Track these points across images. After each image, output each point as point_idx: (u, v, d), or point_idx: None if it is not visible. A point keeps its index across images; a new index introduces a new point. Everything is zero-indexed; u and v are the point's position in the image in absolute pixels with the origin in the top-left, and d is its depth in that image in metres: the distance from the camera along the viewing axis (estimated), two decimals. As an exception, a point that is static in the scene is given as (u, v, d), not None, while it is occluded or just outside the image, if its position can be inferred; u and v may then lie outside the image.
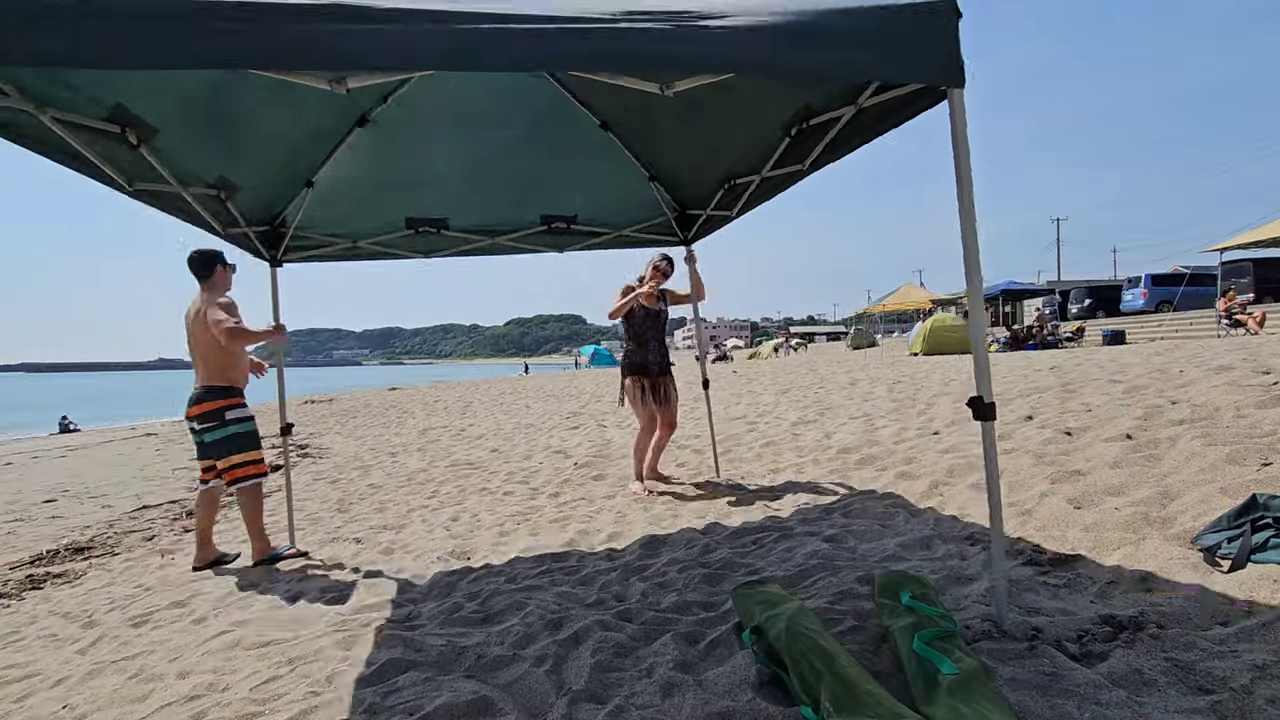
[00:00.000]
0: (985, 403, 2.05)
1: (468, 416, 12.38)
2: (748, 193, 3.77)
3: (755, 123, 3.20)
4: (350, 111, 3.53)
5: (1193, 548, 2.39)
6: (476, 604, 2.83)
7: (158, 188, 3.02)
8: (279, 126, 3.33)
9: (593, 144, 4.03)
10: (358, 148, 3.73)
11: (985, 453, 2.07)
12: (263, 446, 3.95)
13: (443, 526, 4.39)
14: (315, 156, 3.73)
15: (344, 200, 4.07)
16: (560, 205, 4.50)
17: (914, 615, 2.01)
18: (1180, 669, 1.69)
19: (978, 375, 2.09)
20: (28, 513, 6.39)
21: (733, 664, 1.96)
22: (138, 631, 3.02)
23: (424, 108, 3.61)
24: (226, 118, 3.05)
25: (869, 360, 16.33)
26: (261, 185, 3.67)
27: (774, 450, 5.51)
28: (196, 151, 3.11)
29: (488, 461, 6.93)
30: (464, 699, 1.93)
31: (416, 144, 3.86)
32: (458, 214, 4.41)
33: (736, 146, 3.49)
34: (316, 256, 4.43)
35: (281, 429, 4.13)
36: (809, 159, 3.01)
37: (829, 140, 2.83)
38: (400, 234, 4.41)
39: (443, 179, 4.15)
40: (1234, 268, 18.33)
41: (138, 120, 2.64)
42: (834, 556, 2.88)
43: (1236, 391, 4.28)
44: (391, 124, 3.65)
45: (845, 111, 2.64)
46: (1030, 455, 3.89)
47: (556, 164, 4.21)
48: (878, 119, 2.52)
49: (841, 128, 2.74)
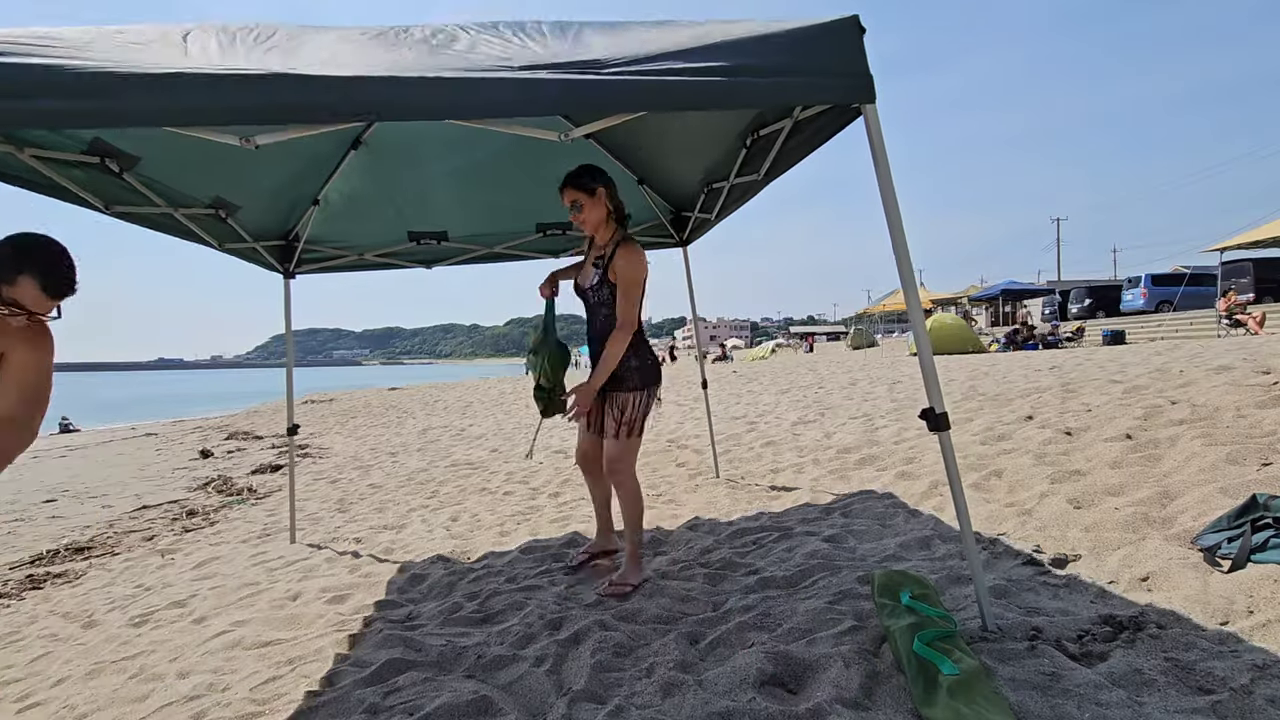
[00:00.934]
0: (937, 413, 2.01)
1: (468, 416, 12.38)
2: (721, 198, 3.81)
3: (717, 131, 3.23)
4: (344, 135, 3.66)
5: (1193, 548, 2.39)
6: (476, 604, 2.83)
7: (140, 210, 3.05)
8: (271, 153, 3.39)
9: (578, 152, 4.04)
10: (357, 168, 3.90)
11: (947, 466, 2.04)
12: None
13: (443, 526, 4.39)
14: (316, 178, 3.89)
15: (349, 216, 4.28)
16: (555, 213, 4.53)
17: (914, 615, 2.01)
18: (1180, 669, 1.69)
19: (927, 384, 2.04)
20: (28, 513, 6.39)
21: (733, 664, 1.96)
22: (138, 631, 3.02)
23: (411, 129, 3.73)
24: (212, 147, 3.09)
25: (869, 360, 16.33)
26: (262, 205, 3.80)
27: (774, 450, 5.51)
28: (186, 177, 3.17)
29: (488, 461, 6.94)
30: (464, 699, 1.93)
31: (409, 163, 3.98)
32: (456, 225, 4.54)
33: (707, 152, 3.52)
34: (327, 268, 4.65)
35: (288, 429, 4.32)
36: (763, 169, 3.05)
37: (776, 151, 2.86)
38: (403, 246, 4.58)
39: (438, 194, 4.27)
40: (1234, 268, 18.32)
41: (116, 151, 2.67)
42: (834, 556, 2.88)
43: (1236, 391, 4.28)
44: (383, 146, 3.81)
45: (785, 124, 2.66)
46: (1030, 455, 3.89)
47: (545, 173, 4.24)
48: (813, 133, 2.53)
49: (784, 140, 2.76)
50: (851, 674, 1.81)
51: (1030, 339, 16.77)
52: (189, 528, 5.26)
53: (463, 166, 4.03)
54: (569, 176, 2.79)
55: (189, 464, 9.32)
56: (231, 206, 3.55)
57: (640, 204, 4.56)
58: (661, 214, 4.63)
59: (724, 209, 3.89)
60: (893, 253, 2.01)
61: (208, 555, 4.30)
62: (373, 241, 4.57)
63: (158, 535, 5.09)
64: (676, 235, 4.75)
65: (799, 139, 2.67)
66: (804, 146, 2.65)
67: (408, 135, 3.77)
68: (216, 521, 5.43)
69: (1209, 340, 10.95)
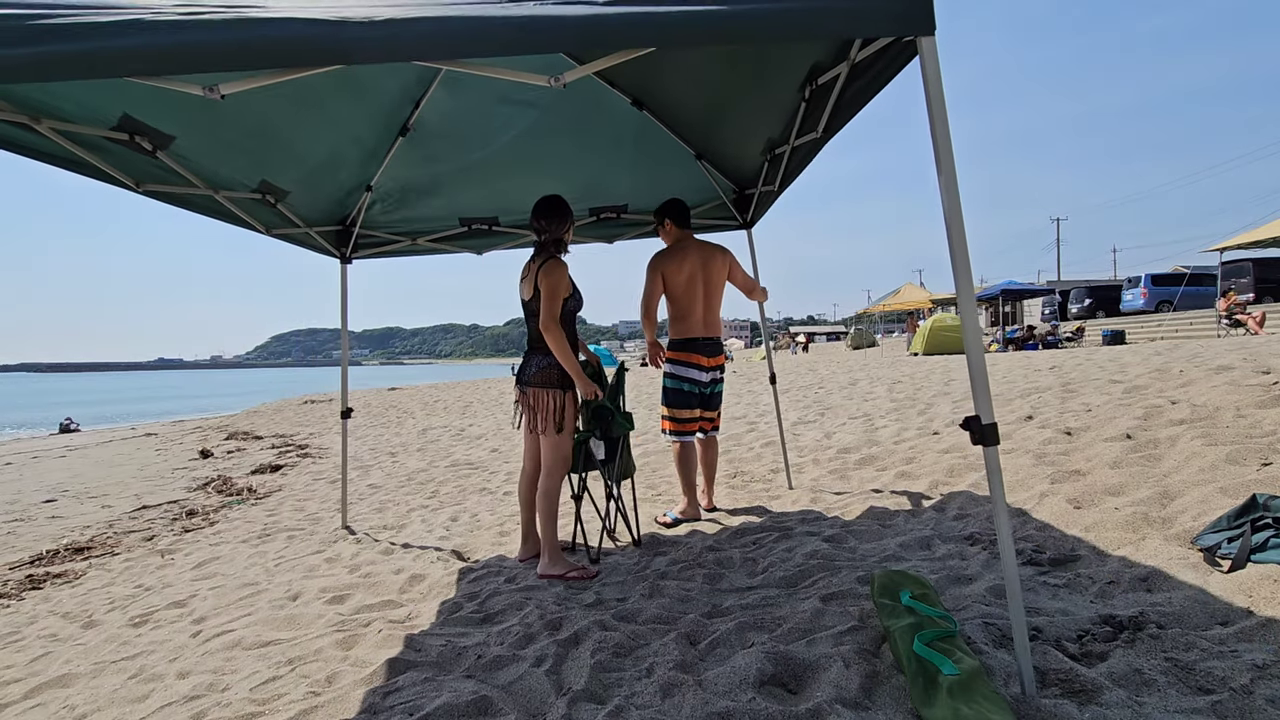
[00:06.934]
0: (984, 424, 1.69)
1: (467, 416, 12.38)
2: (784, 164, 3.64)
3: (773, 85, 3.08)
4: (390, 122, 3.74)
5: (1193, 548, 2.39)
6: (476, 604, 2.83)
7: (175, 190, 3.06)
8: (315, 137, 3.49)
9: (632, 127, 3.99)
10: (406, 155, 3.98)
11: (991, 489, 1.70)
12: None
13: (442, 526, 4.39)
14: (368, 163, 3.97)
15: (402, 202, 4.39)
16: (609, 195, 4.51)
17: (914, 615, 2.01)
18: (1180, 669, 1.69)
19: (975, 389, 1.71)
20: (28, 513, 6.39)
21: (733, 664, 1.96)
22: (138, 631, 3.02)
23: (455, 113, 3.77)
24: (254, 129, 3.12)
25: (869, 360, 16.33)
26: (312, 191, 3.86)
27: (774, 450, 5.51)
28: (229, 159, 3.19)
29: (488, 461, 6.93)
30: (464, 699, 1.93)
31: (457, 148, 4.03)
32: (506, 211, 4.59)
33: (765, 111, 3.36)
34: (382, 253, 4.76)
35: (342, 413, 4.52)
36: (821, 124, 2.90)
37: (834, 101, 2.72)
38: (455, 230, 4.67)
39: (488, 179, 4.31)
40: (1234, 268, 18.33)
41: (149, 129, 2.65)
42: (834, 556, 2.88)
43: (1236, 391, 4.28)
44: (430, 132, 3.87)
45: (842, 69, 2.52)
46: (1030, 455, 3.89)
47: (598, 153, 4.22)
48: (871, 78, 2.40)
49: (842, 86, 2.62)
50: (851, 674, 1.81)
51: (1030, 339, 16.78)
52: (189, 528, 5.26)
53: (509, 148, 4.04)
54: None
55: (189, 464, 9.31)
56: (280, 192, 3.60)
57: (698, 184, 4.44)
58: (724, 194, 4.49)
59: (786, 177, 3.72)
60: (943, 215, 1.70)
61: (208, 555, 4.30)
62: (426, 227, 4.67)
63: (158, 535, 5.09)
64: (740, 217, 4.60)
65: (857, 86, 2.54)
66: (862, 94, 2.51)
67: (452, 120, 3.82)
68: (216, 521, 5.42)
69: (1209, 340, 10.95)
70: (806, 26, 1.60)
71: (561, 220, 3.14)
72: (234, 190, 3.39)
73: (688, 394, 3.77)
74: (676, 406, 3.78)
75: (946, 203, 1.69)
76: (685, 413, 3.78)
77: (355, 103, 3.40)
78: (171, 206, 3.28)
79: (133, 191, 2.91)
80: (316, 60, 1.53)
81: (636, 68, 3.14)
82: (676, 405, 3.78)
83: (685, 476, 3.84)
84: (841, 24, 1.63)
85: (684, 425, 3.80)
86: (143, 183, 2.91)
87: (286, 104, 3.04)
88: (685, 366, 3.74)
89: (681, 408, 3.78)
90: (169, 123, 2.73)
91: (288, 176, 3.58)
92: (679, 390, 3.77)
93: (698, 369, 3.74)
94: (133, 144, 2.63)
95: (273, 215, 3.80)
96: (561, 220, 3.14)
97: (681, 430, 3.80)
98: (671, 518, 3.81)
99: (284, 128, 3.24)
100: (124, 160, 2.75)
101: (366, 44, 1.50)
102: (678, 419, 3.79)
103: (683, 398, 3.77)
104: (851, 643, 1.99)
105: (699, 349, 3.74)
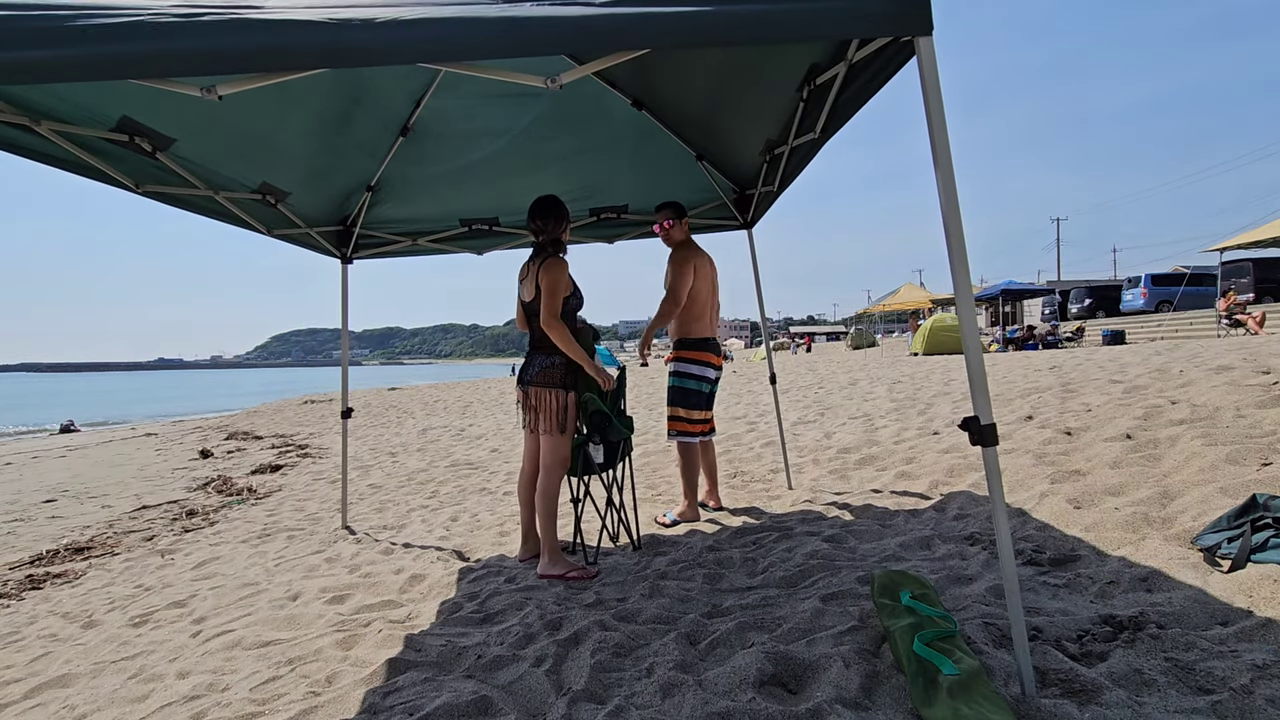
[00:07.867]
0: (983, 424, 1.68)
1: (467, 416, 12.39)
2: (782, 164, 3.64)
3: (771, 86, 3.08)
4: (390, 123, 3.75)
5: (1193, 548, 2.39)
6: (476, 604, 2.83)
7: (174, 190, 3.07)
8: (315, 138, 3.51)
9: (632, 127, 4.00)
10: (406, 155, 4.00)
11: (991, 490, 1.71)
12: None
13: (443, 526, 4.39)
14: (368, 165, 3.99)
15: (403, 202, 4.41)
16: (609, 196, 4.51)
17: (914, 615, 2.01)
18: (1180, 669, 1.69)
19: (974, 390, 1.71)
20: (28, 513, 6.39)
21: (733, 664, 1.96)
22: (137, 631, 3.02)
23: (455, 113, 3.78)
24: (254, 131, 3.14)
25: (869, 360, 16.33)
26: (313, 192, 3.88)
27: (774, 450, 5.51)
28: (228, 161, 3.21)
29: (488, 461, 6.94)
30: (464, 699, 1.93)
31: (458, 148, 4.04)
32: (507, 211, 4.60)
33: (764, 111, 3.37)
34: (383, 253, 4.78)
35: (343, 413, 4.59)
36: (819, 124, 2.90)
37: (832, 101, 2.71)
38: (456, 231, 4.69)
39: (488, 180, 4.32)
40: (1234, 268, 18.33)
41: (149, 130, 2.66)
42: (834, 556, 2.88)
43: (1236, 391, 4.28)
44: (430, 133, 3.88)
45: (840, 69, 2.52)
46: (1030, 455, 3.89)
47: (598, 154, 4.23)
48: (869, 78, 2.40)
49: (840, 86, 2.62)
50: (851, 674, 1.81)
51: (1030, 339, 16.77)
52: (189, 528, 5.26)
53: (509, 149, 4.06)
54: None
55: (189, 464, 9.31)
56: (280, 193, 3.62)
57: (699, 184, 4.46)
58: (724, 194, 4.50)
59: (786, 177, 3.73)
60: (940, 214, 1.70)
61: (207, 555, 4.30)
62: (427, 227, 4.69)
63: (157, 535, 5.09)
64: (741, 217, 4.61)
65: (855, 86, 2.54)
66: (860, 94, 2.51)
67: (452, 120, 3.83)
68: (216, 521, 5.42)
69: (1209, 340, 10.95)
70: (803, 27, 1.60)
71: (558, 220, 3.14)
72: (234, 191, 3.40)
73: (703, 394, 3.77)
74: (692, 408, 3.76)
75: (944, 202, 1.70)
76: (699, 414, 3.78)
77: (356, 103, 3.41)
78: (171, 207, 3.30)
79: (132, 192, 2.92)
80: (316, 62, 1.53)
81: (636, 68, 3.15)
82: (692, 406, 3.76)
83: (690, 479, 3.83)
84: (838, 24, 1.62)
85: (696, 426, 3.79)
86: (142, 183, 2.93)
87: (287, 105, 3.05)
88: (702, 366, 3.74)
89: (696, 409, 3.77)
90: (169, 124, 2.74)
91: (288, 177, 3.59)
92: (698, 391, 3.76)
93: (713, 368, 3.75)
94: (132, 145, 2.63)
95: (273, 216, 3.81)
96: (558, 220, 3.14)
97: (694, 432, 3.79)
98: (671, 519, 3.81)
99: (284, 129, 3.25)
100: (124, 161, 2.76)
101: (366, 46, 1.50)
102: (691, 420, 3.78)
103: (699, 398, 3.76)
104: (851, 643, 1.99)
105: (712, 348, 3.76)
